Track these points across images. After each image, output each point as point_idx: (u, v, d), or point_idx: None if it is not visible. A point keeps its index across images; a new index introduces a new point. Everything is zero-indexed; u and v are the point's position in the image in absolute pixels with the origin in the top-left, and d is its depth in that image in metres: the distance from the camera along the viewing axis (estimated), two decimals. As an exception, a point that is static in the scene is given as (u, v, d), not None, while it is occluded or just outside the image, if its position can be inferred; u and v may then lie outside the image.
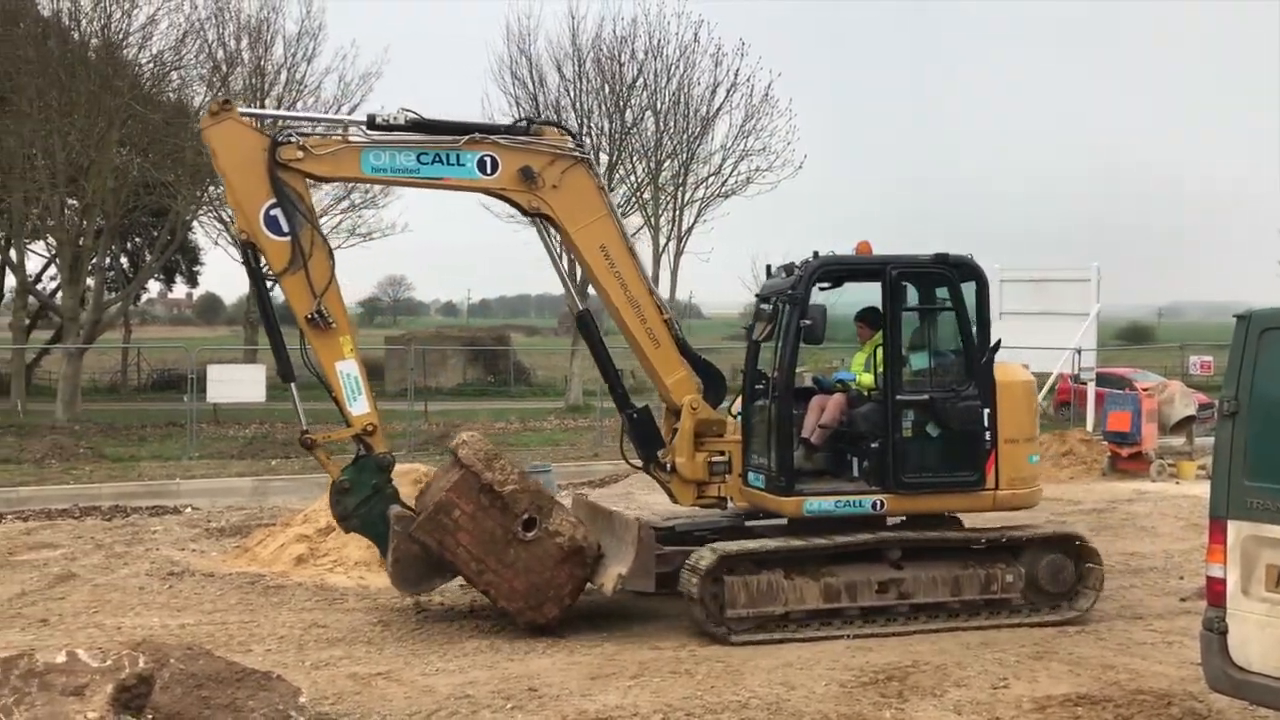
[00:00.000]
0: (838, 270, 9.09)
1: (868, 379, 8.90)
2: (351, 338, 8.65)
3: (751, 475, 8.89)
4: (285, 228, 8.32)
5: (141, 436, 20.52)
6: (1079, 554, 8.76)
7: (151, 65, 27.29)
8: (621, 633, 8.38)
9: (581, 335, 9.36)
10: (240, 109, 8.56)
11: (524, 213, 9.04)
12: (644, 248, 30.30)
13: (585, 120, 30.15)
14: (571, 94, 30.21)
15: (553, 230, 8.99)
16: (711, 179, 30.88)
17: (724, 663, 7.54)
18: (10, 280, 32.10)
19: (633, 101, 30.19)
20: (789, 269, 9.02)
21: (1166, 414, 18.35)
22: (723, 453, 9.02)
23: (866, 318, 9.22)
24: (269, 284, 9.09)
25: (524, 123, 8.97)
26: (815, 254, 8.87)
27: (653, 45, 29.91)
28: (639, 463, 9.29)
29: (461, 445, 8.29)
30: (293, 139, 8.37)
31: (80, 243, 24.97)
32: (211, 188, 28.97)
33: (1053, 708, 6.57)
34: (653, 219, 30.58)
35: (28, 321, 28.61)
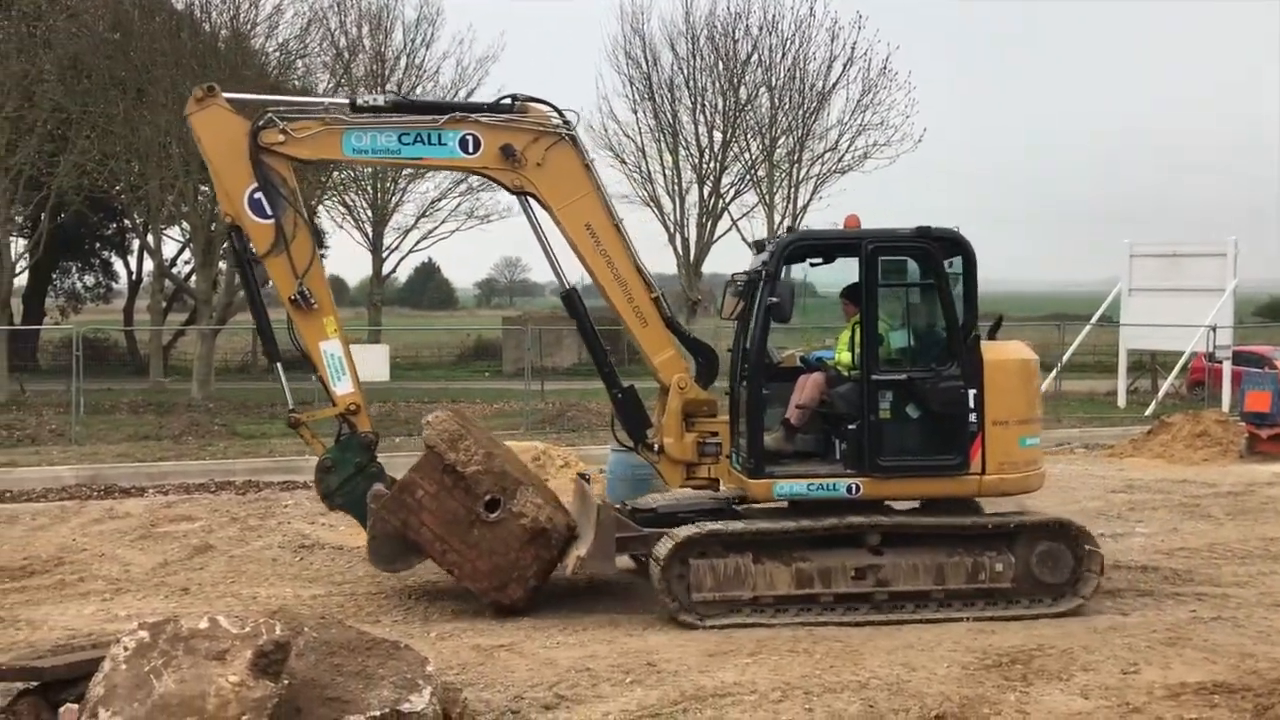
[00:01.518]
0: (811, 246, 8.87)
1: (846, 357, 8.68)
2: (335, 318, 8.74)
3: (734, 456, 8.70)
4: (269, 211, 8.45)
5: (272, 414, 21.15)
6: (1076, 542, 8.21)
7: (277, 54, 28.11)
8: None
9: (569, 313, 9.22)
10: (225, 95, 8.64)
11: (510, 191, 8.88)
12: (759, 226, 30.17)
13: (699, 98, 30.05)
14: (685, 72, 30.09)
15: (540, 208, 8.84)
16: (828, 155, 30.44)
17: (842, 643, 7.48)
18: (148, 264, 33.53)
19: (747, 78, 29.90)
20: (760, 245, 8.82)
21: (1309, 393, 17.50)
22: (714, 433, 8.82)
23: (851, 294, 8.83)
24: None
25: (508, 100, 8.78)
26: (789, 229, 8.70)
27: (767, 20, 29.58)
28: (629, 443, 9.14)
29: (426, 425, 8.26)
30: (274, 123, 8.43)
31: (212, 228, 25.87)
32: (337, 173, 29.80)
33: (1187, 695, 6.36)
34: (767, 197, 30.31)
35: (164, 304, 29.82)
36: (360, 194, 31.17)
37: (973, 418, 8.17)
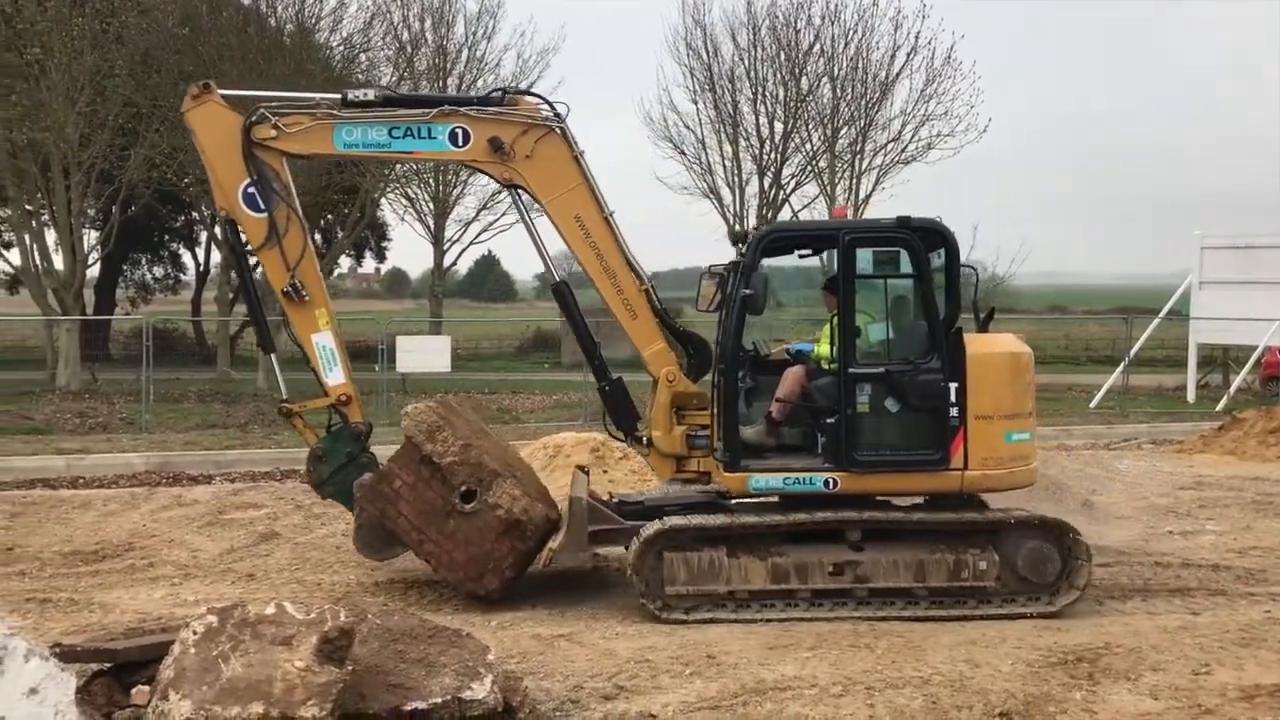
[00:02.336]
0: (788, 238, 8.74)
1: (826, 350, 8.53)
2: (327, 310, 8.83)
3: (718, 450, 8.60)
4: (262, 205, 8.58)
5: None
6: (1062, 540, 8.02)
7: (341, 48, 28.43)
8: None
9: (559, 305, 9.17)
10: (220, 91, 8.74)
11: (500, 184, 8.89)
12: (821, 217, 29.94)
13: (760, 89, 29.91)
14: (746, 63, 29.97)
15: (529, 200, 8.85)
16: (890, 145, 30.14)
17: (904, 638, 7.41)
18: (215, 256, 34.12)
19: (809, 68, 29.71)
20: (741, 237, 8.72)
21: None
22: (704, 427, 8.72)
23: (833, 286, 8.66)
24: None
25: (498, 93, 8.85)
26: (767, 219, 8.60)
27: (830, 10, 29.37)
28: (620, 435, 9.08)
29: (405, 416, 8.33)
30: (266, 119, 8.53)
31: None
32: (398, 166, 30.07)
33: (1261, 698, 6.20)
34: (829, 188, 30.10)
35: (231, 295, 30.30)
36: (422, 187, 31.42)
37: (954, 412, 7.97)
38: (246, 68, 24.36)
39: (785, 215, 30.41)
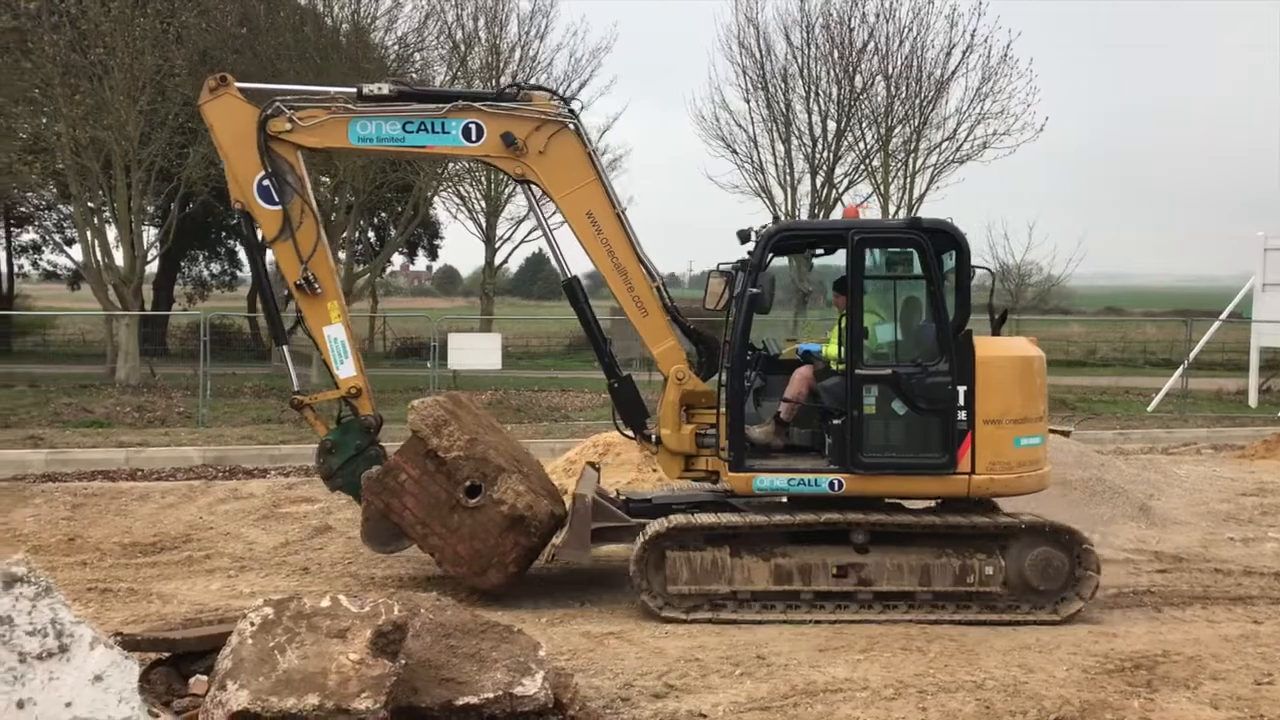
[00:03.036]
0: (797, 237, 8.66)
1: (833, 350, 8.46)
2: (339, 303, 8.87)
3: (724, 450, 8.53)
4: (276, 198, 8.66)
5: (389, 400, 21.60)
6: (1071, 547, 7.94)
7: (396, 47, 28.67)
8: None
9: (570, 302, 9.08)
10: (237, 84, 8.78)
11: (513, 179, 8.83)
12: (874, 216, 29.72)
13: (813, 87, 29.74)
14: (799, 61, 29.83)
15: (542, 196, 8.80)
16: (945, 144, 29.84)
17: (957, 642, 7.33)
18: (269, 253, 34.55)
19: (862, 66, 29.51)
20: (745, 235, 8.60)
21: None
22: (713, 425, 8.65)
23: (843, 286, 8.59)
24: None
25: (513, 88, 8.79)
26: (775, 219, 8.50)
27: (884, 8, 29.11)
28: (630, 433, 9.02)
29: (411, 410, 8.33)
30: (281, 112, 8.58)
31: (332, 218, 26.49)
32: (451, 165, 30.29)
33: (1326, 709, 6.08)
34: (882, 187, 29.86)
35: (285, 291, 30.70)
36: (475, 185, 31.62)
37: (962, 415, 7.90)
38: (304, 67, 24.63)
39: (837, 215, 30.26)
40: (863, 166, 30.18)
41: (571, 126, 8.64)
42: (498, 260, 33.99)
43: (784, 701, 6.20)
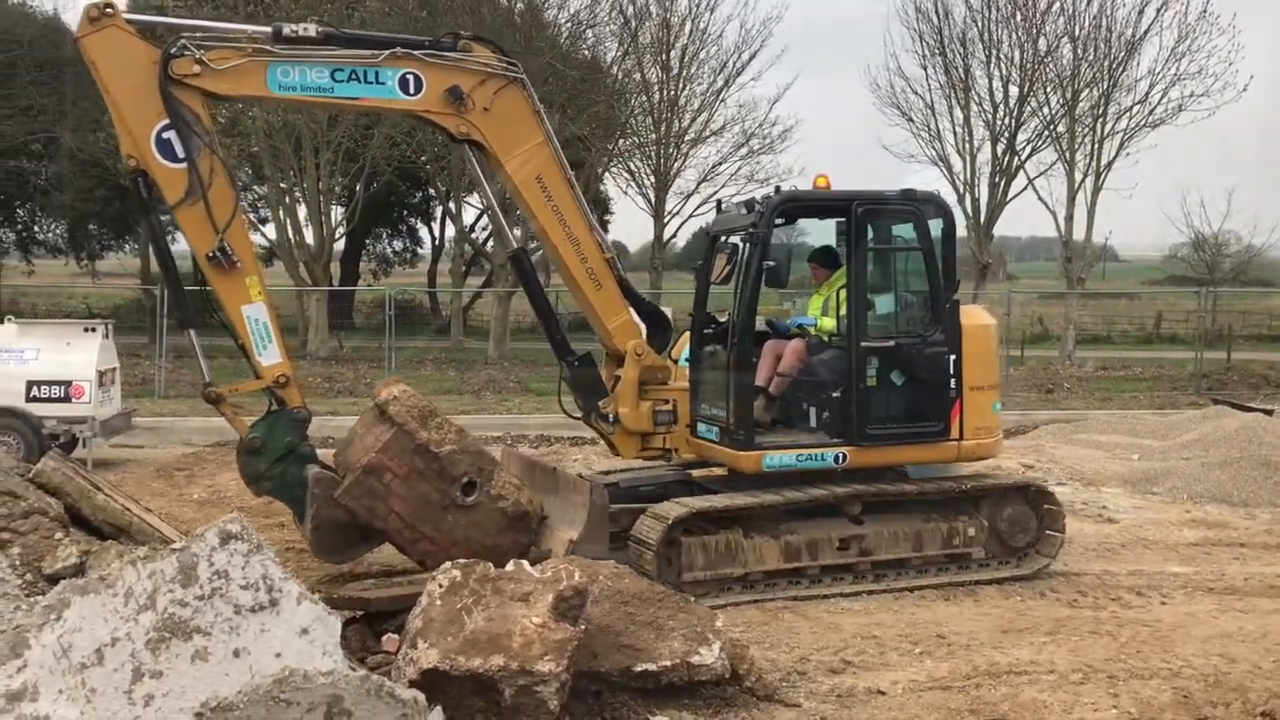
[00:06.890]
0: (800, 206, 8.34)
1: (829, 323, 8.17)
2: (259, 278, 7.62)
3: (702, 427, 8.25)
4: (180, 153, 7.26)
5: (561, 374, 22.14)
6: (1039, 503, 8.32)
7: (569, 24, 29.01)
8: (1024, 588, 8.06)
9: (517, 276, 8.53)
10: (125, 15, 7.36)
11: (452, 139, 8.10)
12: (1057, 184, 28.57)
13: (994, 51, 28.69)
14: (979, 24, 28.78)
15: (483, 159, 8.09)
16: (1136, 108, 28.31)
17: (1150, 628, 7.03)
18: (450, 230, 35.62)
19: (1047, 28, 28.25)
20: (749, 205, 8.19)
21: None
22: (667, 401, 8.32)
23: (821, 259, 8.38)
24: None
25: (449, 38, 7.84)
26: (777, 189, 8.05)
27: (1070, -32, 27.79)
28: (578, 414, 8.61)
29: (392, 402, 7.19)
30: (188, 51, 7.25)
31: (507, 196, 27.06)
32: (621, 140, 30.53)
33: None
34: (1068, 154, 28.57)
35: (464, 267, 31.61)
36: (645, 161, 31.79)
37: (953, 383, 8.03)
38: (479, 46, 25.17)
39: (1019, 183, 29.22)
40: (1047, 132, 28.94)
41: (518, 81, 7.97)
42: (666, 235, 34.11)
43: (965, 682, 6.07)
